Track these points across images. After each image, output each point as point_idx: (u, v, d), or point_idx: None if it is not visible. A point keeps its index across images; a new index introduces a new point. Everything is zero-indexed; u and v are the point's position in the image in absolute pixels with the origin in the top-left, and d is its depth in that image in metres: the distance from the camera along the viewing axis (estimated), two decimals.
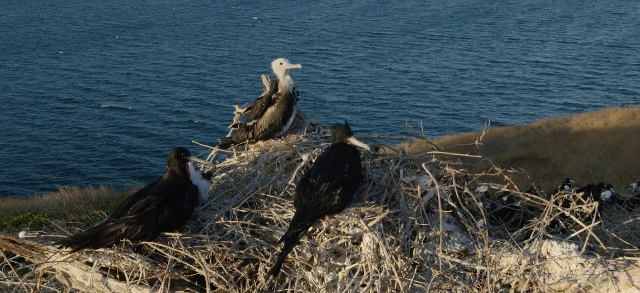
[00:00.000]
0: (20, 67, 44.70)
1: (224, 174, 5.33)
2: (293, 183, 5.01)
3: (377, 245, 4.46)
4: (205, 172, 5.00)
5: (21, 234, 6.97)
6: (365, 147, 4.88)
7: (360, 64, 44.34)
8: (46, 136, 32.61)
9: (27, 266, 4.44)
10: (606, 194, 9.61)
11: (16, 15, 63.17)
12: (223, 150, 5.67)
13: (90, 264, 4.27)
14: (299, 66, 5.60)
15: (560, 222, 5.77)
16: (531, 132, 26.51)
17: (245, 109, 5.82)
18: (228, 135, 5.91)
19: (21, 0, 71.93)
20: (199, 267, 4.26)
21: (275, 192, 5.00)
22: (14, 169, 28.71)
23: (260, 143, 5.53)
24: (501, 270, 5.01)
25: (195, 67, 44.63)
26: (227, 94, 38.81)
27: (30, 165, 29.14)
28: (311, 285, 4.46)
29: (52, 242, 4.32)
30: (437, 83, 39.93)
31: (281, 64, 5.54)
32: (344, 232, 4.52)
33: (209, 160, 5.62)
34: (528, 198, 5.50)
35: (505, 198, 10.08)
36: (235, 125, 5.94)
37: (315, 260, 4.54)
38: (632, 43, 46.88)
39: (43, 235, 4.43)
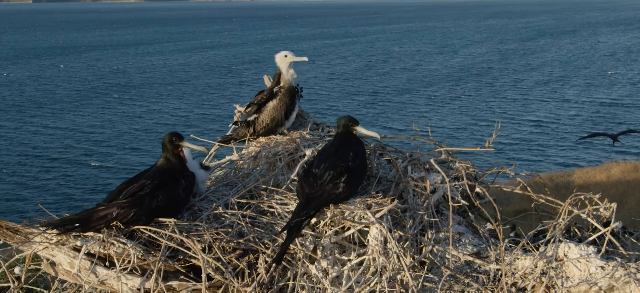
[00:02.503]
0: (19, 126, 44.69)
1: (225, 169, 5.08)
2: (295, 177, 4.76)
3: (385, 238, 4.18)
4: (203, 162, 4.76)
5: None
6: (376, 135, 4.65)
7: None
8: (35, 194, 32.15)
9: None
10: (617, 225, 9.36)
11: (22, 74, 63.91)
12: (224, 144, 5.42)
13: (78, 250, 3.96)
14: (305, 59, 5.39)
15: (577, 231, 5.49)
16: (533, 186, 26.27)
17: (245, 107, 5.60)
18: (228, 133, 5.66)
19: (27, 60, 73.04)
20: (195, 255, 3.96)
21: (278, 186, 4.75)
22: None
23: (262, 139, 5.28)
24: (516, 272, 4.71)
25: (195, 126, 44.68)
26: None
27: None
28: (315, 279, 4.15)
29: (38, 225, 4.02)
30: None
31: (286, 56, 5.33)
32: (349, 220, 4.23)
33: (208, 157, 5.37)
34: (542, 200, 5.28)
35: (512, 234, 9.80)
36: (235, 123, 5.69)
37: (319, 252, 4.25)
38: (628, 103, 47.28)
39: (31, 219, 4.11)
